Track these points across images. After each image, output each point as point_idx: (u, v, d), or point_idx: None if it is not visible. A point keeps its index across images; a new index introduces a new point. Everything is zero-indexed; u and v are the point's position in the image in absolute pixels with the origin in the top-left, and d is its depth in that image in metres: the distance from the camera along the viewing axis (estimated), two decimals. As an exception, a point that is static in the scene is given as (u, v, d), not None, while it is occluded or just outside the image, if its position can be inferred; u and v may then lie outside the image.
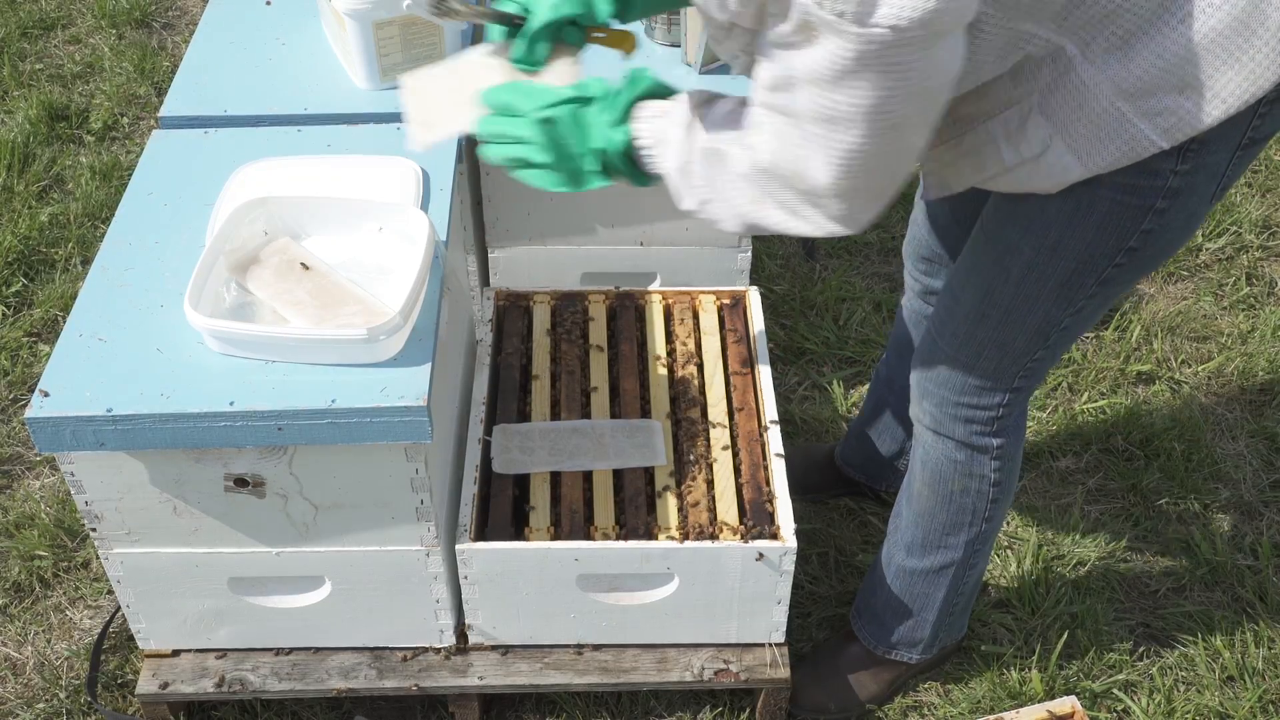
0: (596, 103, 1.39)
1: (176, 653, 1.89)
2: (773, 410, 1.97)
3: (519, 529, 1.84)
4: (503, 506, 1.86)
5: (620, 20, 1.52)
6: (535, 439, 1.94)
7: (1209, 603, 2.19)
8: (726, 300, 2.18)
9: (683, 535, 1.82)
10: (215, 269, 1.63)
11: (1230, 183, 1.44)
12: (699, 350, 2.10)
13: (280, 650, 1.90)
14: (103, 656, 2.05)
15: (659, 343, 2.11)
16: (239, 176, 1.84)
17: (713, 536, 1.81)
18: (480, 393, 2.00)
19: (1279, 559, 2.25)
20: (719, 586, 1.82)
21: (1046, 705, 1.91)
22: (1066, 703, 1.91)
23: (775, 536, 1.80)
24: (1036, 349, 1.59)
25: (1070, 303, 1.53)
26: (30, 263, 2.79)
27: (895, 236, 2.92)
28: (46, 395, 1.54)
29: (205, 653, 1.89)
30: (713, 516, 1.85)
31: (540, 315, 2.16)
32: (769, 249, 2.87)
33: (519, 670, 1.90)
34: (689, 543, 1.79)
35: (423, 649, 1.91)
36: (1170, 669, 2.09)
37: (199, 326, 1.55)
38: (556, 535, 1.82)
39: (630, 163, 1.40)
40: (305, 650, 1.90)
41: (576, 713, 2.01)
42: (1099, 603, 2.17)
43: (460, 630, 1.90)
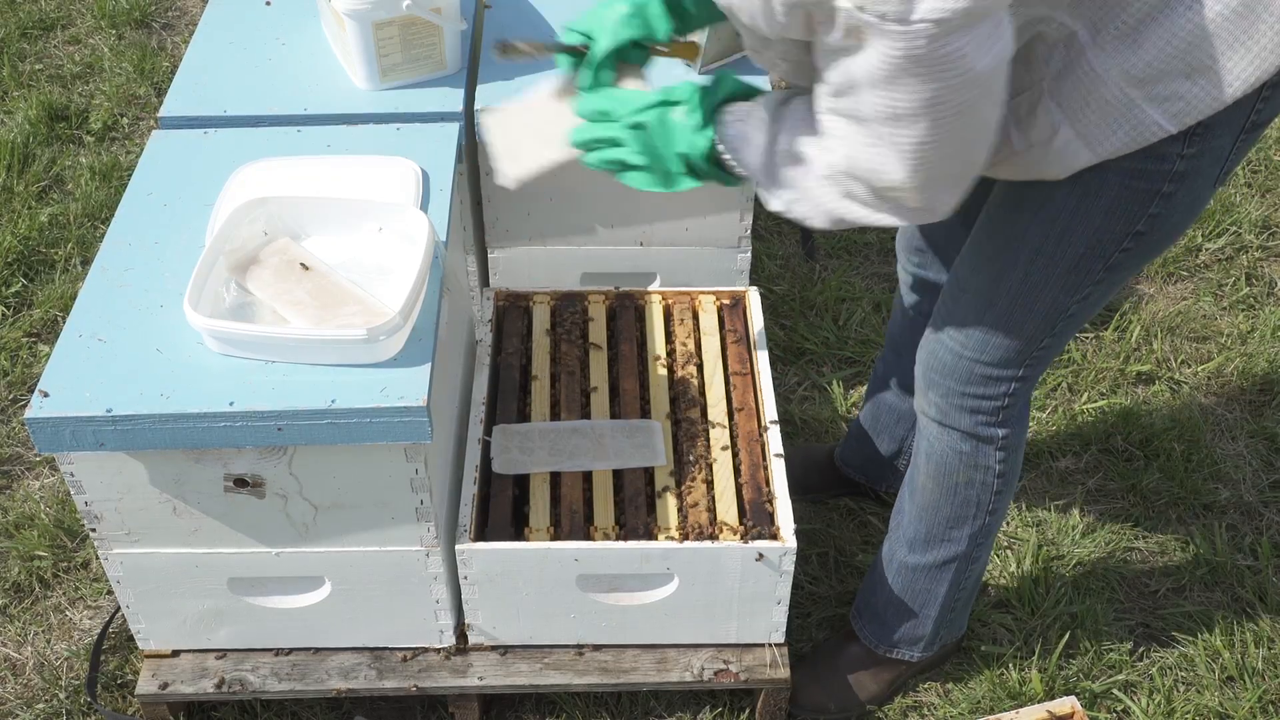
0: (682, 106, 1.43)
1: (176, 653, 1.89)
2: (772, 410, 1.97)
3: (519, 529, 1.84)
4: (502, 507, 1.86)
5: (679, 35, 1.55)
6: (535, 439, 1.94)
7: (1209, 603, 2.19)
8: (726, 300, 2.18)
9: (682, 535, 1.81)
10: (215, 269, 1.63)
11: (1233, 166, 1.45)
12: (699, 350, 2.10)
13: (280, 650, 1.90)
14: (102, 657, 2.05)
15: (659, 343, 2.11)
16: (239, 177, 1.84)
17: (712, 537, 1.81)
18: (480, 393, 2.00)
19: (1279, 559, 2.25)
20: (719, 587, 1.82)
21: (1046, 705, 1.91)
22: (1066, 703, 1.91)
23: (775, 537, 1.80)
24: (1043, 336, 1.60)
25: (1077, 289, 1.54)
26: (30, 263, 2.79)
27: (895, 237, 2.91)
28: (46, 395, 1.54)
29: (205, 653, 1.89)
30: (712, 517, 1.84)
31: (540, 315, 2.15)
32: (769, 249, 2.87)
33: (519, 670, 1.90)
34: (689, 543, 1.79)
35: (422, 649, 1.91)
36: (1170, 669, 2.09)
37: (199, 327, 1.55)
38: (556, 535, 1.82)
39: (716, 165, 1.44)
40: (305, 650, 1.90)
41: (576, 713, 2.01)
42: (1099, 603, 2.17)
43: (460, 630, 1.90)
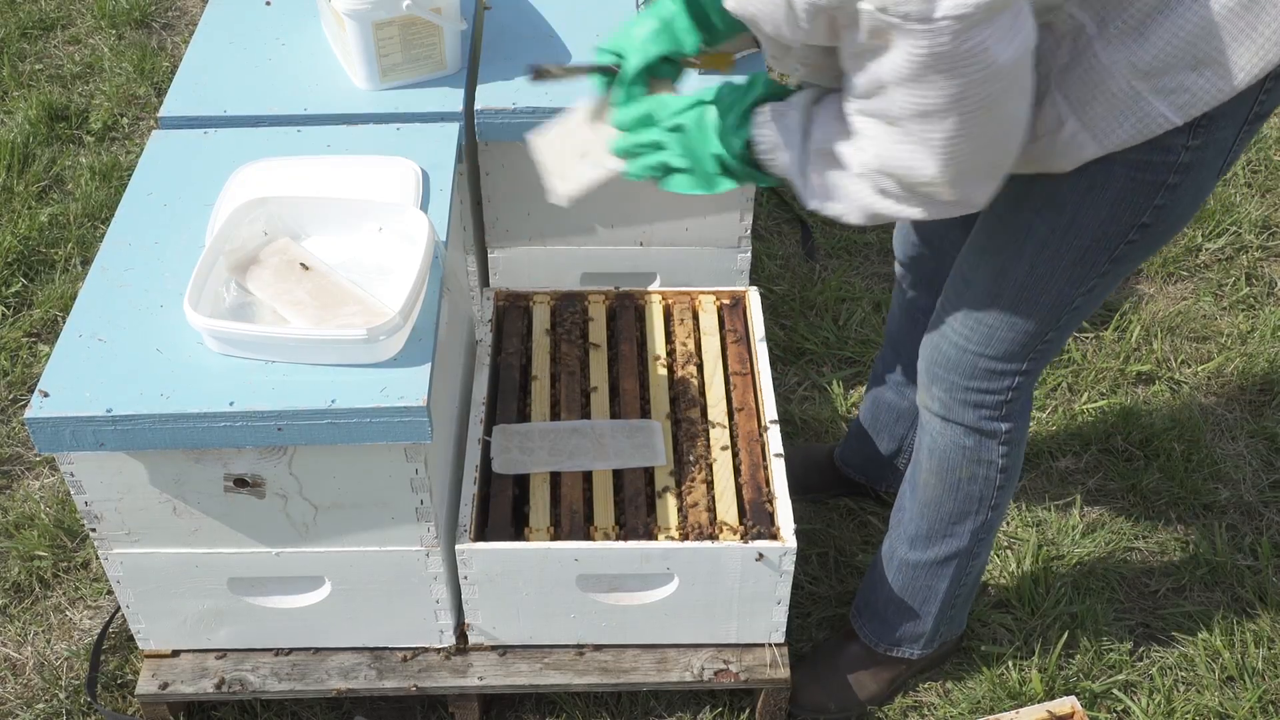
0: (717, 107, 1.43)
1: (176, 653, 1.89)
2: (772, 410, 1.97)
3: (519, 529, 1.84)
4: (502, 506, 1.86)
5: (708, 47, 1.56)
6: (535, 439, 1.94)
7: (1209, 603, 2.19)
8: (726, 300, 2.18)
9: (682, 535, 1.81)
10: (215, 269, 1.63)
11: (1235, 157, 1.46)
12: (699, 350, 2.10)
13: (280, 650, 1.90)
14: (102, 657, 2.05)
15: (659, 343, 2.11)
16: (239, 177, 1.84)
17: (712, 537, 1.81)
18: (480, 393, 2.00)
19: (1279, 559, 2.25)
20: (719, 587, 1.82)
21: (1046, 705, 1.91)
22: (1066, 703, 1.91)
23: (775, 537, 1.80)
24: (1048, 330, 1.60)
25: (1083, 281, 1.54)
26: (30, 263, 2.79)
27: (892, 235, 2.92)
28: (46, 395, 1.54)
29: (205, 653, 1.89)
30: (712, 517, 1.84)
31: (540, 315, 2.15)
32: (769, 249, 2.87)
33: (519, 670, 1.90)
34: (689, 543, 1.79)
35: (422, 649, 1.91)
36: (1170, 669, 2.09)
37: (199, 327, 1.55)
38: (556, 535, 1.82)
39: (751, 164, 1.44)
40: (305, 650, 1.90)
41: (576, 713, 2.01)
42: (1099, 603, 2.17)
43: (460, 630, 1.90)
